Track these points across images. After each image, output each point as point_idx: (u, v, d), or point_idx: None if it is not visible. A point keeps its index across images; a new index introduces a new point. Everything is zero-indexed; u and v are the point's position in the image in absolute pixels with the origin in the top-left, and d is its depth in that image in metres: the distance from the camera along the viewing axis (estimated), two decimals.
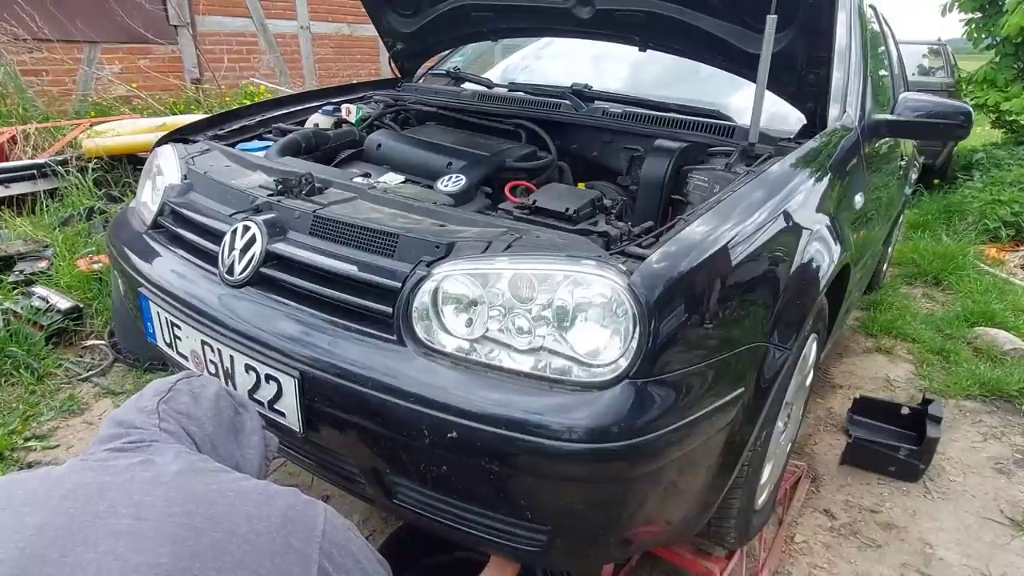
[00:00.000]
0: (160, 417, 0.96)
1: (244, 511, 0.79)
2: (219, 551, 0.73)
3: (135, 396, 1.05)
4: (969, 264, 4.33)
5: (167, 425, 0.96)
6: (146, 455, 0.87)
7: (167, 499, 0.77)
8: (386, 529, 1.84)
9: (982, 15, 6.77)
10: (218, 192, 1.57)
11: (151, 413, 0.97)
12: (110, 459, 0.86)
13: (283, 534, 0.78)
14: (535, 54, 2.84)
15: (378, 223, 1.31)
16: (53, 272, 3.07)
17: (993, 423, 2.63)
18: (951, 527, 2.03)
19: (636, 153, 1.93)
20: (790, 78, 1.76)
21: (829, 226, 1.62)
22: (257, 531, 0.77)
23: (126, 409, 1.00)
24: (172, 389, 1.03)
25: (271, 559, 0.75)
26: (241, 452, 1.06)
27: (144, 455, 0.87)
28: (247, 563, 0.73)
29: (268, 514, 0.80)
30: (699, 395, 1.14)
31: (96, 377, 2.54)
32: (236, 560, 0.73)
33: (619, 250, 1.18)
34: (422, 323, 1.18)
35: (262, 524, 0.78)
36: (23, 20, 5.28)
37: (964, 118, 2.03)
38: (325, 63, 8.10)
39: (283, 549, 0.77)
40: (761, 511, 1.68)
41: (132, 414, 0.98)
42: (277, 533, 0.78)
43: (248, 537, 0.76)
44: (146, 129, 4.30)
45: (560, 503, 1.12)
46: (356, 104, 2.26)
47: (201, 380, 1.10)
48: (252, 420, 1.11)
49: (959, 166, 6.90)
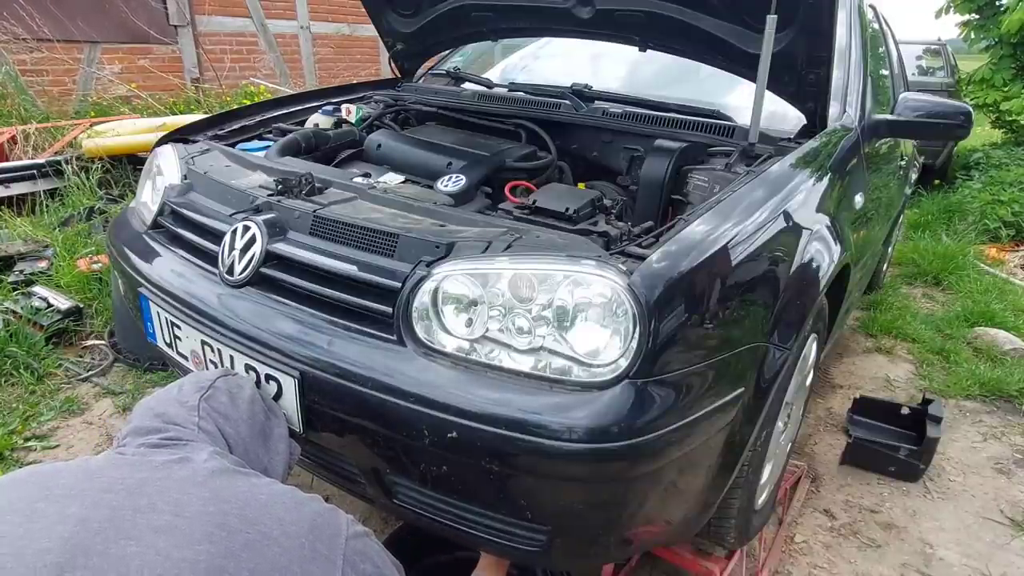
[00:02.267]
0: (200, 415, 0.98)
1: (276, 515, 0.80)
2: (253, 552, 0.75)
3: (174, 387, 1.05)
4: (969, 264, 4.33)
5: (205, 424, 0.98)
6: (182, 453, 0.89)
7: (203, 498, 0.79)
8: (386, 529, 1.84)
9: (979, 16, 6.77)
10: (218, 192, 1.57)
11: (192, 409, 0.99)
12: (148, 454, 0.88)
13: (311, 539, 0.80)
14: (535, 54, 2.84)
15: (378, 223, 1.31)
16: (53, 272, 3.07)
17: (993, 423, 2.63)
18: (951, 527, 2.03)
19: (636, 153, 1.92)
20: (790, 78, 1.76)
21: (829, 226, 1.62)
22: (288, 535, 0.78)
23: (165, 400, 1.01)
24: (212, 387, 1.05)
25: (300, 564, 0.76)
26: (269, 457, 1.07)
27: (181, 453, 0.89)
28: (278, 565, 0.75)
29: (297, 519, 0.81)
30: (699, 395, 1.14)
31: (96, 377, 2.54)
32: (269, 561, 0.75)
33: (619, 250, 1.18)
34: (422, 323, 1.18)
35: (292, 528, 0.79)
36: (23, 20, 5.28)
37: (964, 118, 2.03)
38: (325, 63, 8.10)
39: (311, 555, 0.78)
40: (761, 511, 1.68)
41: (173, 407, 0.99)
42: (305, 538, 0.79)
43: (280, 540, 0.77)
44: (146, 129, 4.30)
45: (560, 503, 1.12)
46: (356, 104, 2.26)
47: (238, 380, 1.12)
48: (280, 426, 1.12)
49: (959, 166, 6.89)
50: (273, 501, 0.83)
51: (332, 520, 0.85)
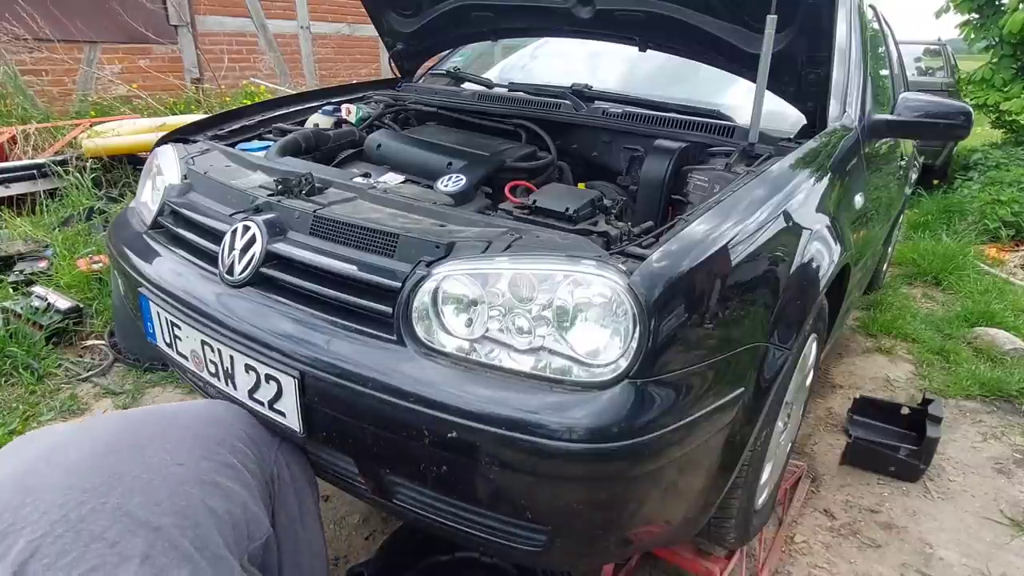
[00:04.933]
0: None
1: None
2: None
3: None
4: (969, 264, 4.33)
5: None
6: None
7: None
8: (386, 529, 1.84)
9: (979, 16, 6.77)
10: (218, 192, 1.57)
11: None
12: None
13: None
14: (535, 54, 2.84)
15: (378, 223, 1.30)
16: (53, 272, 3.07)
17: (993, 423, 2.63)
18: (951, 527, 2.03)
19: (636, 153, 1.92)
20: (790, 78, 1.76)
21: (829, 226, 1.62)
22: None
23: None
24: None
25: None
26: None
27: None
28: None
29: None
30: (699, 395, 1.14)
31: (96, 377, 2.54)
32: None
33: (619, 250, 1.18)
34: (422, 323, 1.18)
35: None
36: (24, 20, 5.28)
37: (964, 118, 2.03)
38: (325, 63, 8.10)
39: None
40: (761, 511, 1.68)
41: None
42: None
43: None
44: (146, 129, 4.31)
45: (560, 503, 1.12)
46: (356, 104, 2.26)
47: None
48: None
49: (959, 166, 6.89)
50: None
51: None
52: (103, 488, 0.88)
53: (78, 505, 0.85)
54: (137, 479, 0.92)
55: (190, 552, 0.86)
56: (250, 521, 1.01)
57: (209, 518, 0.93)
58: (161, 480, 0.93)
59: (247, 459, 1.09)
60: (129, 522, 0.85)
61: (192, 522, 0.90)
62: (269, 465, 1.14)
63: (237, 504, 0.99)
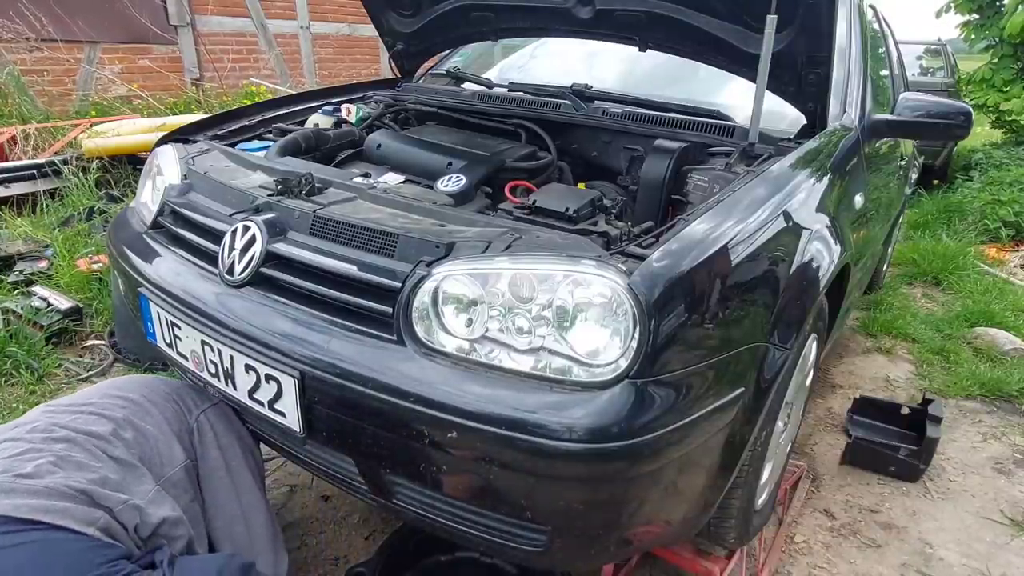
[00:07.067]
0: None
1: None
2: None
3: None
4: (969, 264, 4.33)
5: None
6: None
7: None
8: (386, 529, 1.84)
9: (980, 17, 6.77)
10: (218, 192, 1.57)
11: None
12: None
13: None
14: (535, 54, 2.84)
15: (378, 223, 1.31)
16: (53, 272, 3.07)
17: (993, 423, 2.63)
18: (951, 527, 2.03)
19: (636, 153, 1.92)
20: (790, 78, 1.76)
21: (829, 226, 1.62)
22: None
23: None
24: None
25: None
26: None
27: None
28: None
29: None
30: (699, 395, 1.14)
31: (96, 377, 2.54)
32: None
33: (619, 250, 1.17)
34: (422, 323, 1.18)
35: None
36: (26, 19, 5.28)
37: (964, 118, 2.03)
38: (325, 63, 8.10)
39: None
40: (761, 511, 1.68)
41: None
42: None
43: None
44: (146, 129, 4.31)
45: (560, 503, 1.12)
46: (356, 104, 2.26)
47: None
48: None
49: (959, 166, 6.89)
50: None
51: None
52: (46, 421, 1.23)
53: (31, 431, 1.21)
54: (66, 411, 1.27)
55: (99, 455, 1.18)
56: (162, 453, 1.29)
57: (119, 439, 1.24)
58: (83, 418, 1.25)
59: (165, 411, 1.35)
60: (53, 436, 1.19)
61: (104, 440, 1.22)
62: (188, 422, 1.37)
63: (149, 437, 1.28)
